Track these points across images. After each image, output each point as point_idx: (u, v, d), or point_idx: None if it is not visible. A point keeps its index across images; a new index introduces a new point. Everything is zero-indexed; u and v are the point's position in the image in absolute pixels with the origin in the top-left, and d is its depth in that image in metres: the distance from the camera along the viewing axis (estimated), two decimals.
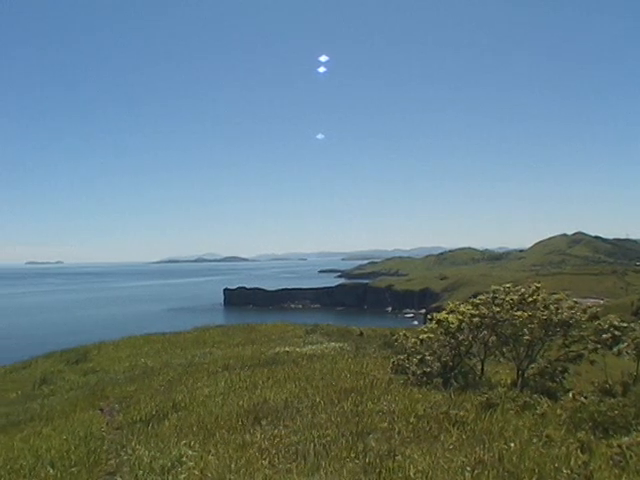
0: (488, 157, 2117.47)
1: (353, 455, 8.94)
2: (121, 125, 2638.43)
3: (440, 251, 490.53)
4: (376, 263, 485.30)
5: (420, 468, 8.09)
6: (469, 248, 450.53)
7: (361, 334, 31.49)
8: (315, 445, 9.57)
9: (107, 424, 14.19)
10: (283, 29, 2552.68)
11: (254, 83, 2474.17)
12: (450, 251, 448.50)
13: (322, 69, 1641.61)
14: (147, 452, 10.32)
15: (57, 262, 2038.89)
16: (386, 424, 10.28)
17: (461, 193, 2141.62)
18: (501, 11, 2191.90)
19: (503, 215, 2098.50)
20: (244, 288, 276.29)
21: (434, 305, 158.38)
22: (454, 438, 9.43)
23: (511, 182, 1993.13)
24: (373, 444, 9.36)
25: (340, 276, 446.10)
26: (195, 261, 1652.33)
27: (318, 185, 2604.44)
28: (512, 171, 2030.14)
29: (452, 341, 15.60)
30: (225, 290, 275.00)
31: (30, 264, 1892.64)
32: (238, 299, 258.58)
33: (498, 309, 15.62)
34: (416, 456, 8.59)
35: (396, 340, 19.78)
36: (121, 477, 9.44)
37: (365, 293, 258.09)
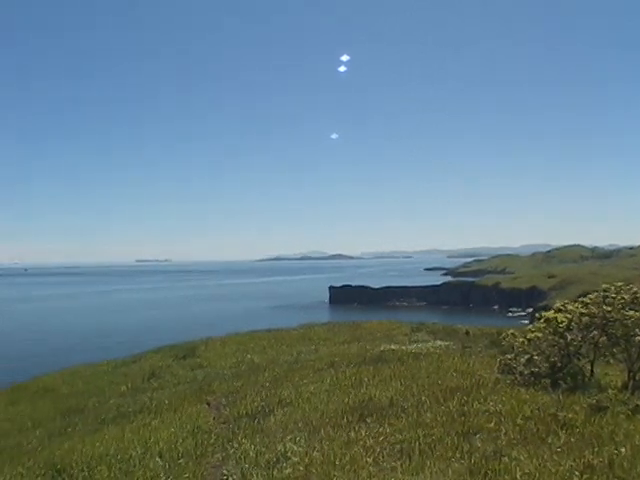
0: (585, 152, 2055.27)
1: (458, 455, 8.84)
2: (230, 125, 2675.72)
3: (547, 248, 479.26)
4: (482, 261, 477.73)
5: (527, 471, 7.93)
6: (577, 245, 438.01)
7: (467, 333, 31.06)
8: (420, 444, 9.51)
9: (214, 418, 14.53)
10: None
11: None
12: (557, 248, 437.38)
13: (342, 68, 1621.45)
14: (253, 446, 10.46)
15: (165, 260, 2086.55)
16: (492, 425, 10.11)
17: (568, 189, 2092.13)
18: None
19: (612, 211, 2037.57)
20: (349, 286, 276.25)
21: (542, 304, 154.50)
22: (562, 441, 9.15)
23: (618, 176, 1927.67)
24: (479, 445, 9.23)
25: (446, 274, 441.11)
26: (300, 259, 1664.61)
27: (422, 183, 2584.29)
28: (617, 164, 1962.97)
29: (561, 341, 15.21)
30: (330, 288, 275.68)
31: (139, 262, 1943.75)
32: (343, 297, 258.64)
33: (609, 308, 15.13)
34: (523, 458, 8.41)
35: (503, 339, 19.36)
36: (227, 470, 9.62)
37: (471, 291, 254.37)
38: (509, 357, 16.15)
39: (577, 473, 7.74)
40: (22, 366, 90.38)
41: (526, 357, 15.43)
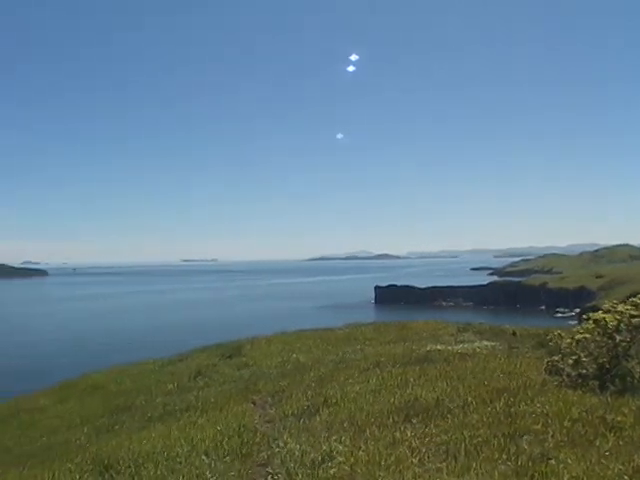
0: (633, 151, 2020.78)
1: (505, 457, 8.73)
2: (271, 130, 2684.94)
3: (595, 248, 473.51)
4: (529, 260, 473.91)
5: (574, 474, 7.81)
6: (626, 245, 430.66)
7: (514, 333, 30.73)
8: (466, 445, 9.43)
9: (259, 417, 14.60)
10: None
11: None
12: (606, 248, 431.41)
13: (351, 68, 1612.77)
14: (298, 446, 10.48)
15: (212, 260, 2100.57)
16: (539, 426, 9.97)
17: (616, 188, 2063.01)
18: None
19: None
20: (395, 286, 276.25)
21: (590, 304, 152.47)
22: (610, 444, 8.95)
23: None
24: (526, 447, 9.10)
25: (492, 274, 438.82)
26: (346, 259, 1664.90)
27: (468, 183, 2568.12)
28: None
29: (609, 342, 14.98)
30: (376, 288, 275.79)
31: (186, 262, 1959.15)
32: (389, 297, 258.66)
33: None
34: (570, 461, 8.27)
35: (550, 340, 19.11)
36: (272, 469, 9.66)
37: (517, 291, 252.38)
38: (556, 358, 15.95)
39: (626, 477, 7.59)
40: (71, 364, 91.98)
41: (574, 358, 15.23)
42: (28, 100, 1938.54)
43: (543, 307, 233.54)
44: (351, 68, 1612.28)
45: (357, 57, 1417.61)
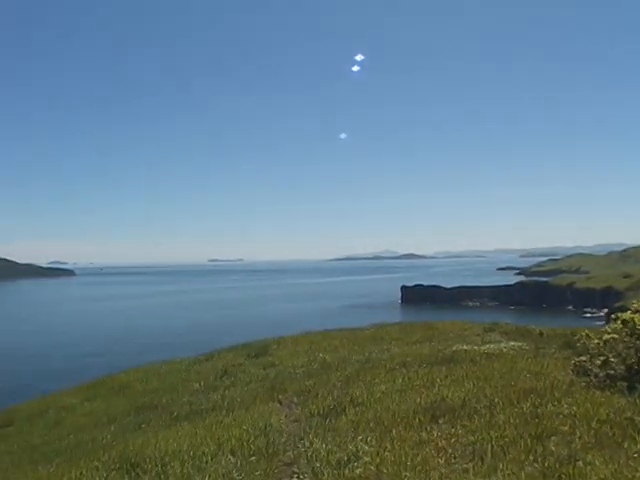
0: None
1: (532, 458, 8.67)
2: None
3: (623, 247, 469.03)
4: (556, 260, 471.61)
5: (602, 476, 7.73)
6: None
7: (541, 334, 30.51)
8: (493, 446, 9.38)
9: (285, 417, 14.63)
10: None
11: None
12: (634, 247, 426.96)
13: (356, 68, 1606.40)
14: (324, 445, 10.49)
15: (238, 259, 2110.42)
16: (567, 428, 9.90)
17: None
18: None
19: None
20: (421, 286, 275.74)
21: (617, 304, 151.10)
22: (639, 446, 8.88)
23: None
24: (553, 448, 9.03)
25: (518, 273, 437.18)
26: (372, 259, 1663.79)
27: (495, 182, 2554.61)
28: None
29: (638, 343, 14.86)
30: (402, 287, 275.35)
31: (212, 262, 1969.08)
32: (415, 296, 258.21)
33: None
34: (598, 463, 8.19)
35: (578, 341, 18.96)
36: (298, 469, 9.68)
37: (544, 291, 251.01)
38: (584, 359, 15.83)
39: None
40: (99, 363, 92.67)
41: (602, 359, 15.11)
42: (59, 104, 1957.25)
43: (570, 307, 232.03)
44: (356, 68, 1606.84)
45: (362, 57, 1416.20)
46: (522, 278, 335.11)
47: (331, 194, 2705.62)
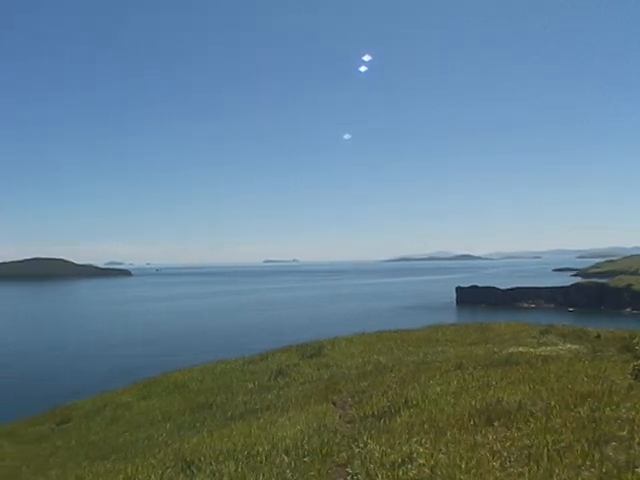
0: None
1: (589, 463, 8.47)
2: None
3: None
4: (614, 261, 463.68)
5: None
6: None
7: (598, 336, 30.12)
8: (549, 450, 9.20)
9: (340, 417, 14.62)
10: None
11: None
12: None
13: (363, 68, 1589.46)
14: (378, 447, 10.43)
15: (293, 260, 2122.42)
16: (625, 433, 9.67)
17: None
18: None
19: None
20: (476, 287, 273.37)
21: None
22: None
23: None
24: (610, 453, 8.82)
25: (576, 275, 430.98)
26: (427, 259, 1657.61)
27: (553, 183, 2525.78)
28: None
29: None
30: (457, 288, 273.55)
31: (267, 262, 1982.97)
32: (470, 297, 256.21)
33: None
34: None
35: (636, 344, 18.69)
36: (352, 470, 9.64)
37: (602, 293, 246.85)
38: None
39: None
40: (155, 362, 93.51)
41: None
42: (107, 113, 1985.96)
43: (628, 309, 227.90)
44: (363, 68, 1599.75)
45: (370, 57, 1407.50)
46: (579, 279, 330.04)
47: (386, 196, 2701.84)
